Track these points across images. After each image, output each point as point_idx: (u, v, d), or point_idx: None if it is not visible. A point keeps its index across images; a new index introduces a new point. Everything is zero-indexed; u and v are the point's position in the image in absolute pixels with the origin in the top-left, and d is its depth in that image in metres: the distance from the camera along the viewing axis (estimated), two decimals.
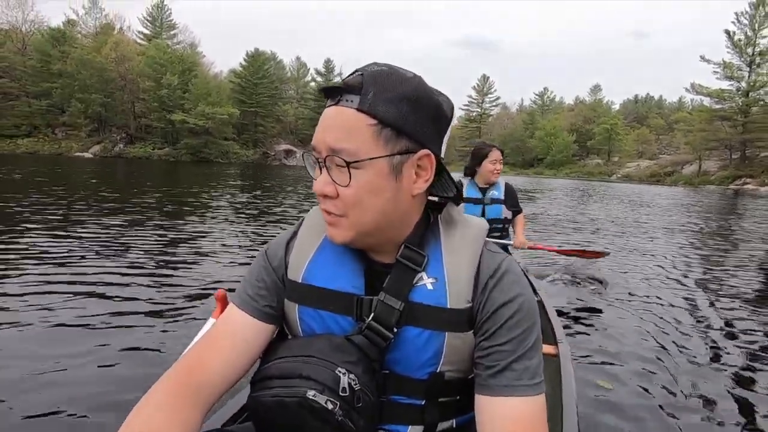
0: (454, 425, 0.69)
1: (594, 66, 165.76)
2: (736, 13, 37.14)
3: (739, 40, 36.99)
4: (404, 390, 0.66)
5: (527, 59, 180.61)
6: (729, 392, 2.21)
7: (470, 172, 2.93)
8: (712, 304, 3.67)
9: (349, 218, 0.62)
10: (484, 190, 2.91)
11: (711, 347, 2.78)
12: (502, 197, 2.91)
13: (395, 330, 0.63)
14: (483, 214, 2.86)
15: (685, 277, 4.66)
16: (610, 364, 2.44)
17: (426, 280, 0.65)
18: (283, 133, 52.71)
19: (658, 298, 3.77)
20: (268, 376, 0.63)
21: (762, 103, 36.30)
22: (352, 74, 0.62)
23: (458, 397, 0.68)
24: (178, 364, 0.66)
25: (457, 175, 2.64)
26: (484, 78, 72.97)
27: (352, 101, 0.59)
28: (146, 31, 50.38)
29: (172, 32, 51.29)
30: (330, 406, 0.58)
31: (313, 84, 59.06)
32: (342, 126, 0.59)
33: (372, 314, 0.64)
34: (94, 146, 38.74)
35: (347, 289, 0.66)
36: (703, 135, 38.20)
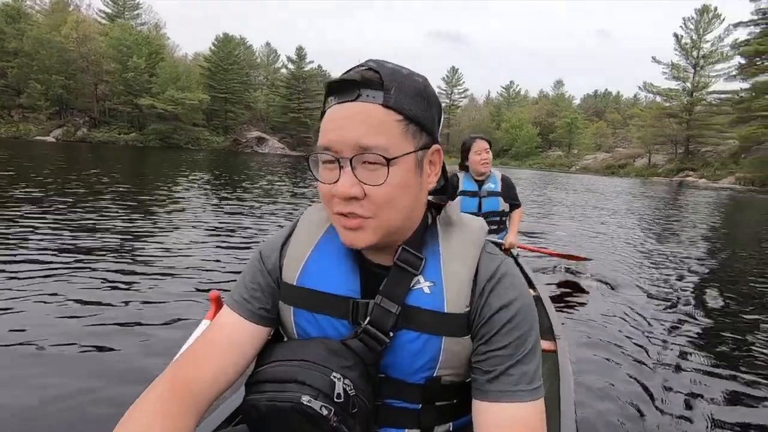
0: (451, 428, 0.69)
1: (558, 61, 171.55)
2: (683, 18, 40.20)
3: (686, 43, 40.05)
4: (400, 394, 0.66)
5: (495, 53, 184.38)
6: (727, 387, 2.23)
7: (463, 166, 2.95)
8: (700, 291, 4.03)
9: (378, 219, 0.60)
10: (480, 183, 2.89)
11: (708, 339, 2.83)
12: (499, 189, 2.87)
13: (391, 334, 0.63)
14: (479, 208, 2.84)
15: (666, 264, 5.06)
16: (608, 359, 2.46)
17: (423, 284, 0.64)
18: (254, 120, 52.22)
19: (649, 290, 3.91)
20: (263, 380, 0.62)
21: (704, 102, 39.62)
22: (352, 71, 0.60)
23: (455, 401, 0.67)
24: (170, 368, 0.65)
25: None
26: (453, 70, 74.52)
27: (375, 97, 0.57)
28: (108, 10, 48.34)
29: (135, 12, 49.47)
30: (324, 412, 0.58)
31: (284, 71, 58.53)
32: (370, 122, 0.57)
33: (368, 318, 0.63)
34: (56, 130, 37.26)
35: (343, 293, 0.65)
36: (653, 130, 41.29)
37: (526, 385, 0.60)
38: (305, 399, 0.58)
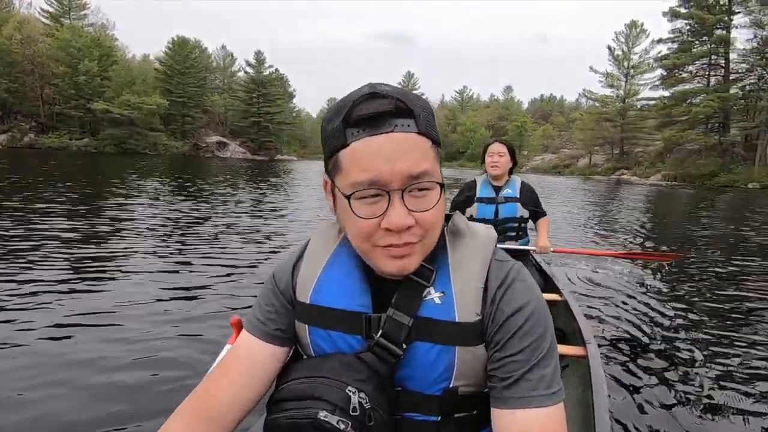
0: None
1: (506, 66, 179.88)
2: (615, 32, 44.43)
3: (618, 54, 44.28)
4: (418, 407, 0.65)
5: (445, 57, 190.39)
6: (761, 395, 2.12)
7: (484, 169, 2.92)
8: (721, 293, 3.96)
9: (425, 241, 0.61)
10: (498, 190, 2.82)
11: (749, 349, 2.69)
12: (517, 195, 2.80)
13: (404, 346, 0.63)
14: (496, 214, 2.78)
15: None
16: (642, 365, 2.37)
17: (434, 295, 0.64)
18: (212, 124, 51.65)
19: (679, 291, 3.79)
20: (282, 399, 0.63)
21: (635, 108, 43.90)
22: (368, 98, 0.58)
23: (475, 412, 0.66)
24: (193, 394, 0.68)
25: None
26: (409, 74, 77.11)
27: (409, 125, 0.58)
28: (51, 9, 46.18)
29: (82, 12, 47.58)
30: (342, 426, 0.57)
31: (241, 74, 58.23)
32: (414, 151, 0.58)
33: (380, 331, 0.63)
34: (0, 136, 35.41)
35: (355, 308, 0.66)
36: (592, 133, 45.23)
37: (544, 390, 0.59)
38: (322, 414, 0.58)
